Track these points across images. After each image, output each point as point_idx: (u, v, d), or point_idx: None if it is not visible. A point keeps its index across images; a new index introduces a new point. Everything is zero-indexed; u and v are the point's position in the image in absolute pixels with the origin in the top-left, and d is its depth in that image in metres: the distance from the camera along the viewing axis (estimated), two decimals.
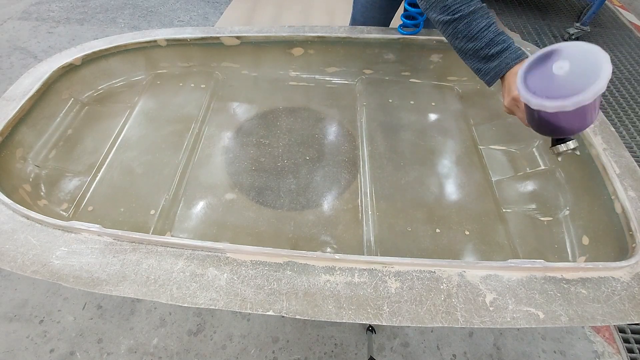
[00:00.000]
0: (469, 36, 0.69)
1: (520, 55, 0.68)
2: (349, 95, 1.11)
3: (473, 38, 0.69)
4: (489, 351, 1.16)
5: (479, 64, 0.71)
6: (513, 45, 0.69)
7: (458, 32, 0.70)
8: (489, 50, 0.68)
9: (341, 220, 0.83)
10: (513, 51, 0.68)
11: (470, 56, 0.72)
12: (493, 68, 0.69)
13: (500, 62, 0.68)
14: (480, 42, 0.69)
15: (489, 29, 0.68)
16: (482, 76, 0.73)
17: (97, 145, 0.96)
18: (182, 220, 0.83)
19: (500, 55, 0.68)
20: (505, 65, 0.68)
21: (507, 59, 0.68)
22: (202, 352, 1.14)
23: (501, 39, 0.68)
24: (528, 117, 0.62)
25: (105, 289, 0.56)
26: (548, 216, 0.83)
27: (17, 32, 2.43)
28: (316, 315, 0.54)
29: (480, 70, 0.72)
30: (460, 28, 0.69)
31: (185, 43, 1.07)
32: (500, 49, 0.68)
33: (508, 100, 0.68)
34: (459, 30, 0.69)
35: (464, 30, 0.69)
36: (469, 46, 0.70)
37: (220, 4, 2.81)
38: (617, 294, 0.57)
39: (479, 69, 0.72)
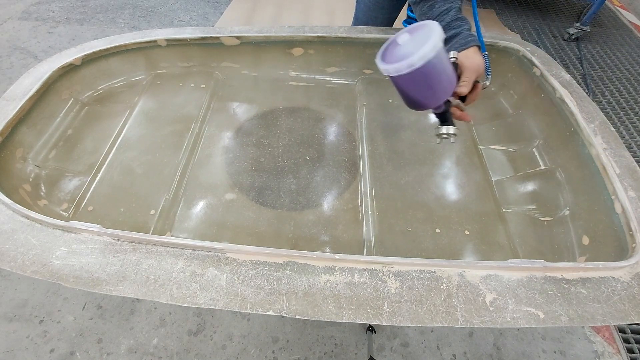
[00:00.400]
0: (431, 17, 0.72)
1: (469, 41, 0.69)
2: (349, 95, 1.11)
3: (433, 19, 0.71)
4: (489, 351, 1.16)
5: None
6: (465, 31, 0.70)
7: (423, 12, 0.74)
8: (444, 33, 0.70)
9: (341, 220, 0.83)
10: (463, 37, 0.69)
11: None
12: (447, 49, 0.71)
13: (450, 46, 0.70)
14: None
15: (448, 13, 0.71)
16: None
17: (97, 145, 0.96)
18: (182, 220, 0.83)
19: (450, 40, 0.71)
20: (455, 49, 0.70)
21: (456, 44, 0.70)
22: (202, 352, 1.14)
23: (456, 24, 0.70)
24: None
25: (105, 289, 0.56)
26: (548, 216, 0.83)
27: (17, 32, 2.43)
28: (316, 315, 0.54)
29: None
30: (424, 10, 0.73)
31: (185, 43, 1.07)
32: (452, 34, 0.70)
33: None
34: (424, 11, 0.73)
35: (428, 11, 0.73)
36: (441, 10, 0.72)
37: (220, 4, 2.81)
38: (617, 294, 0.57)
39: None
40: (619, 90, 2.19)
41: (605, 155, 0.75)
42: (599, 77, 2.29)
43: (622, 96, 2.14)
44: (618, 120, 2.00)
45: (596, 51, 2.51)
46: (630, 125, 1.97)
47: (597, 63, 2.40)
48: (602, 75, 2.30)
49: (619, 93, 2.16)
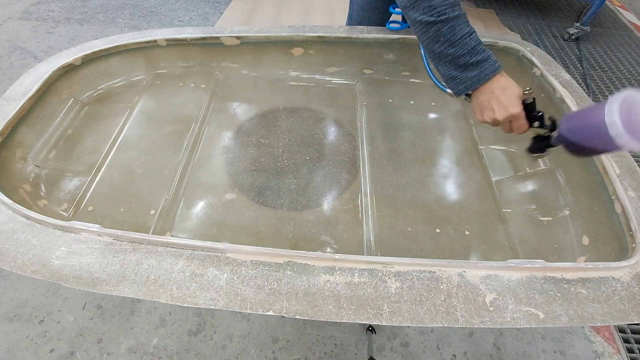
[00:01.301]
0: (452, 41, 0.67)
1: (498, 67, 0.67)
2: (349, 95, 1.11)
3: (455, 43, 0.67)
4: (489, 351, 1.16)
5: (455, 72, 0.69)
6: (492, 56, 0.67)
7: (441, 35, 0.67)
8: (469, 58, 0.66)
9: (341, 220, 0.83)
10: (492, 62, 0.67)
11: (447, 62, 0.69)
12: (470, 77, 0.67)
13: (480, 72, 0.66)
14: (462, 48, 0.66)
15: (470, 36, 0.67)
16: (455, 84, 0.70)
17: (97, 145, 0.96)
18: (182, 220, 0.83)
19: (480, 65, 0.66)
20: (484, 76, 0.66)
21: (486, 70, 0.66)
22: (202, 352, 1.14)
23: (482, 49, 0.67)
24: (569, 142, 0.62)
25: (105, 289, 0.56)
26: (548, 216, 0.83)
27: (17, 32, 2.43)
28: (316, 315, 0.54)
29: (455, 78, 0.69)
30: (444, 31, 0.67)
31: (185, 43, 1.07)
32: (481, 59, 0.66)
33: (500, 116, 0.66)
34: (442, 33, 0.67)
35: (447, 34, 0.67)
36: (450, 51, 0.67)
37: (220, 4, 2.81)
38: (617, 294, 0.57)
39: (454, 77, 0.69)
40: (618, 90, 2.18)
41: (605, 156, 0.75)
42: (599, 77, 2.28)
43: None
44: None
45: (596, 51, 2.51)
46: None
47: (597, 63, 2.40)
48: (602, 75, 2.30)
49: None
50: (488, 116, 0.69)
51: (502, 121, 0.68)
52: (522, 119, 0.66)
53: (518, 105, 0.66)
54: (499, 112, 0.67)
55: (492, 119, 0.68)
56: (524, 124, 0.67)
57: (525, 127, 0.68)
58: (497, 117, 0.67)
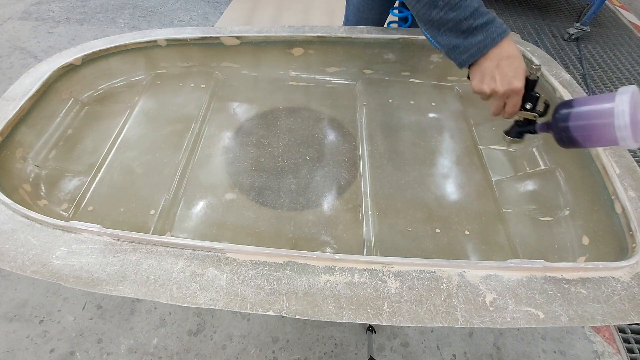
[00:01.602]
0: (452, 4, 0.59)
1: (505, 29, 0.60)
2: (349, 95, 1.11)
3: (456, 6, 0.59)
4: (489, 351, 1.16)
5: (458, 39, 0.61)
6: (497, 18, 0.61)
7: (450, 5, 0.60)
8: (473, 21, 0.59)
9: (341, 220, 0.83)
10: (499, 24, 0.60)
11: (448, 29, 0.62)
12: (476, 43, 0.60)
13: (486, 36, 0.59)
14: (464, 11, 0.59)
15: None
16: (458, 54, 0.63)
17: (97, 145, 0.96)
18: (182, 220, 0.83)
19: (485, 28, 0.59)
20: (491, 40, 0.59)
21: (493, 33, 0.59)
22: (202, 352, 1.14)
23: (485, 10, 0.59)
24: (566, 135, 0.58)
25: (105, 289, 0.56)
26: (548, 216, 0.83)
27: (17, 32, 2.43)
28: (316, 315, 0.54)
29: (457, 47, 0.62)
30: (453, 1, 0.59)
31: (185, 43, 1.07)
32: (486, 21, 0.59)
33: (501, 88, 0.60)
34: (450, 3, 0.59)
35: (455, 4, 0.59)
36: (450, 16, 0.60)
37: (220, 4, 2.81)
38: (617, 294, 0.57)
39: (457, 46, 0.62)
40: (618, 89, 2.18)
41: (605, 155, 0.75)
42: (599, 77, 2.28)
43: None
44: None
45: (596, 51, 2.51)
46: None
47: (597, 63, 2.40)
48: (602, 75, 2.30)
49: None
50: (488, 85, 0.62)
51: (500, 94, 0.62)
52: (520, 95, 0.62)
53: (522, 80, 0.60)
54: (500, 83, 0.60)
55: (491, 90, 0.62)
56: (518, 103, 0.63)
57: (517, 107, 0.63)
58: (497, 88, 0.61)
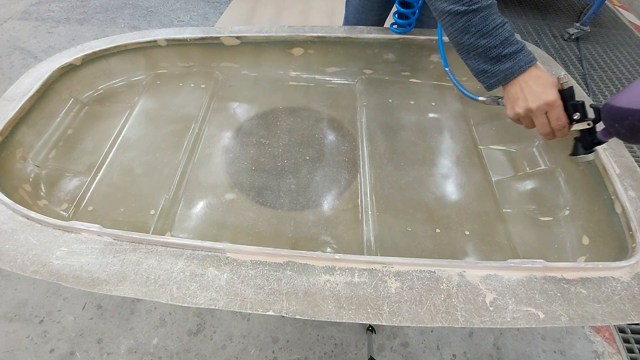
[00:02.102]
0: (484, 31, 0.62)
1: (533, 59, 0.63)
2: (349, 95, 1.11)
3: (487, 34, 0.62)
4: (489, 351, 1.16)
5: (486, 65, 0.65)
6: (526, 47, 0.64)
7: (472, 25, 0.63)
8: (502, 49, 0.62)
9: (341, 220, 0.83)
10: (527, 54, 0.63)
11: (478, 54, 0.65)
12: (504, 70, 0.63)
13: (514, 64, 0.62)
14: (494, 39, 0.62)
15: (504, 26, 0.63)
16: (486, 78, 0.66)
17: (97, 145, 0.96)
18: (182, 220, 0.83)
19: (514, 57, 0.62)
20: (518, 68, 0.62)
21: (520, 62, 0.62)
22: (202, 352, 1.14)
23: (515, 40, 0.63)
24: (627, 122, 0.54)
25: (105, 289, 0.56)
26: (548, 216, 0.83)
27: (17, 32, 2.43)
28: (316, 315, 0.54)
29: (486, 71, 0.65)
30: (476, 21, 0.62)
31: (185, 43, 1.07)
32: (515, 50, 0.62)
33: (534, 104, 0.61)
34: (474, 23, 0.62)
35: (479, 24, 0.62)
36: (481, 43, 0.63)
37: (220, 4, 2.81)
38: (617, 294, 0.57)
39: (485, 70, 0.65)
40: (618, 90, 2.18)
41: (605, 155, 0.75)
42: (599, 77, 2.28)
43: None
44: None
45: (596, 51, 2.51)
46: None
47: (597, 63, 2.40)
48: (602, 75, 2.30)
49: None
50: (519, 107, 0.63)
51: (535, 111, 0.62)
52: (559, 107, 0.61)
53: (554, 92, 0.60)
54: (532, 100, 0.61)
55: (525, 109, 0.62)
56: (562, 115, 0.61)
57: (564, 119, 0.61)
58: (530, 105, 0.62)
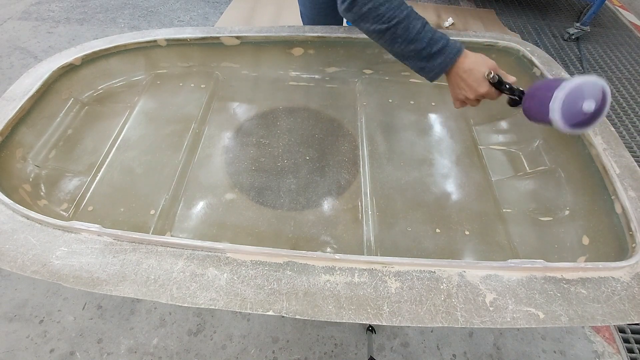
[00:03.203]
0: (409, 39, 0.69)
1: (460, 49, 0.70)
2: (349, 95, 1.11)
3: (413, 40, 0.69)
4: (489, 351, 1.16)
5: (422, 63, 0.72)
6: (450, 40, 0.71)
7: (397, 36, 0.70)
8: (430, 49, 0.69)
9: (341, 220, 0.83)
10: (452, 46, 0.70)
11: (411, 57, 0.72)
12: (438, 65, 0.71)
13: (445, 58, 0.70)
14: (421, 42, 0.69)
15: (424, 28, 0.69)
16: (425, 73, 0.74)
17: (97, 145, 0.96)
18: (182, 220, 0.83)
19: (442, 52, 0.69)
20: (449, 60, 0.70)
21: (449, 54, 0.69)
22: (202, 352, 1.14)
23: (439, 36, 0.70)
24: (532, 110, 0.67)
25: (105, 289, 0.56)
26: (548, 216, 0.83)
27: (17, 32, 2.43)
28: (316, 315, 0.54)
29: (423, 68, 0.73)
30: (399, 32, 0.69)
31: (185, 43, 1.07)
32: (442, 46, 0.69)
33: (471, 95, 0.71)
34: (398, 34, 0.70)
35: (403, 34, 0.69)
36: (410, 48, 0.70)
37: (220, 4, 2.81)
38: (617, 294, 0.57)
39: (422, 68, 0.73)
40: (619, 90, 2.19)
41: (605, 155, 0.75)
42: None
43: (622, 96, 2.14)
44: (618, 120, 2.00)
45: (596, 51, 2.51)
46: (630, 125, 1.97)
47: (597, 63, 2.40)
48: (602, 75, 2.30)
49: (619, 93, 2.16)
50: (461, 95, 0.73)
51: (474, 99, 0.73)
52: (492, 93, 0.71)
53: (485, 85, 0.70)
54: (469, 92, 0.71)
55: (465, 97, 0.73)
56: (494, 94, 0.72)
57: (495, 96, 0.72)
58: (469, 96, 0.72)
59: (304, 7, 1.23)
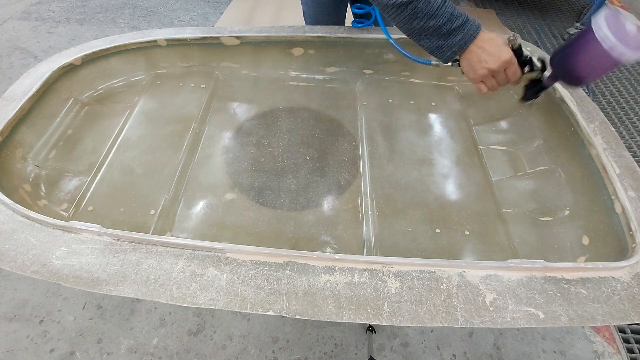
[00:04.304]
0: (430, 14, 0.67)
1: (479, 25, 0.68)
2: (349, 95, 1.11)
3: (434, 15, 0.67)
4: (489, 351, 1.16)
5: (440, 41, 0.70)
6: (470, 16, 0.69)
7: (418, 11, 0.68)
8: (451, 24, 0.67)
9: (341, 220, 0.83)
10: (473, 22, 0.69)
11: (430, 34, 0.70)
12: (457, 42, 0.69)
13: (465, 34, 0.68)
14: (441, 18, 0.67)
15: (445, 4, 0.68)
16: (442, 52, 0.71)
17: (97, 145, 0.96)
18: (182, 220, 0.83)
19: (462, 28, 0.68)
20: (469, 37, 0.68)
21: (470, 30, 0.68)
22: (202, 352, 1.14)
23: (459, 12, 0.68)
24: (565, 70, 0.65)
25: (105, 289, 0.56)
26: (548, 216, 0.83)
27: (17, 32, 2.43)
28: (316, 315, 0.54)
29: (441, 47, 0.70)
30: (421, 7, 0.67)
31: (185, 43, 1.07)
32: (462, 21, 0.68)
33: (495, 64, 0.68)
34: (419, 9, 0.67)
35: (424, 8, 0.67)
36: (431, 24, 0.68)
37: (220, 4, 2.81)
38: (617, 294, 0.57)
39: (440, 46, 0.70)
40: (619, 90, 2.19)
41: (605, 155, 0.75)
42: None
43: (622, 96, 2.14)
44: (618, 120, 2.00)
45: None
46: (630, 125, 1.97)
47: None
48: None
49: (619, 93, 2.16)
50: (482, 69, 0.69)
51: (497, 70, 0.69)
52: (515, 64, 0.68)
53: (508, 51, 0.67)
54: (492, 61, 0.68)
55: (488, 69, 0.69)
56: (517, 69, 0.69)
57: (519, 73, 0.70)
58: (491, 66, 0.68)
59: (306, 6, 1.23)
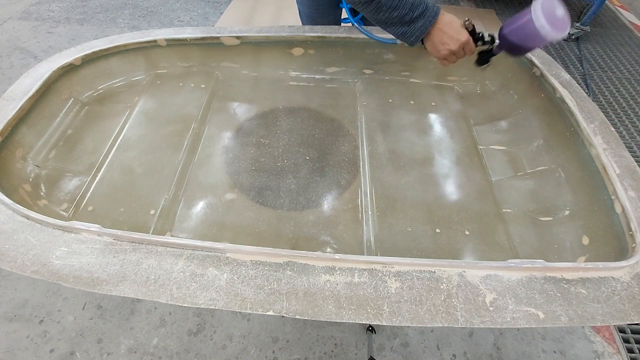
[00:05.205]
0: (393, 6, 0.76)
1: (438, 9, 0.77)
2: (349, 95, 1.11)
3: (396, 7, 0.75)
4: (489, 351, 1.16)
5: (404, 28, 0.79)
6: (429, 3, 0.77)
7: (382, 5, 0.76)
8: (412, 13, 0.76)
9: (341, 220, 0.83)
10: (432, 8, 0.77)
11: (394, 23, 0.79)
12: (419, 27, 0.77)
13: (425, 20, 0.77)
14: (403, 9, 0.75)
15: None
16: (407, 38, 0.80)
17: (97, 145, 0.96)
18: (182, 220, 0.83)
19: (423, 15, 0.76)
20: (429, 22, 0.77)
21: (429, 17, 0.76)
22: (202, 352, 1.14)
23: (419, 2, 0.76)
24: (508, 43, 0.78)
25: (105, 289, 0.56)
26: (548, 216, 0.83)
27: (17, 32, 2.43)
28: (316, 315, 0.54)
29: (405, 33, 0.79)
30: (384, 2, 0.76)
31: (185, 43, 1.07)
32: (422, 10, 0.76)
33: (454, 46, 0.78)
34: (383, 3, 0.76)
35: (387, 2, 0.75)
36: (394, 15, 0.76)
37: (220, 4, 2.81)
38: (617, 294, 0.57)
39: (404, 32, 0.79)
40: (619, 90, 2.19)
41: (605, 155, 0.75)
42: (599, 77, 2.28)
43: (622, 96, 2.14)
44: (618, 120, 2.00)
45: (596, 51, 2.51)
46: (630, 125, 1.97)
47: (597, 63, 2.40)
48: (602, 75, 2.30)
49: (619, 93, 2.16)
50: (444, 49, 0.79)
51: (457, 50, 0.79)
52: (470, 42, 0.80)
53: (465, 33, 0.78)
54: (452, 43, 0.78)
55: (449, 50, 0.79)
56: (473, 46, 0.81)
57: (473, 48, 0.82)
58: (451, 47, 0.79)
59: (302, 5, 1.24)
